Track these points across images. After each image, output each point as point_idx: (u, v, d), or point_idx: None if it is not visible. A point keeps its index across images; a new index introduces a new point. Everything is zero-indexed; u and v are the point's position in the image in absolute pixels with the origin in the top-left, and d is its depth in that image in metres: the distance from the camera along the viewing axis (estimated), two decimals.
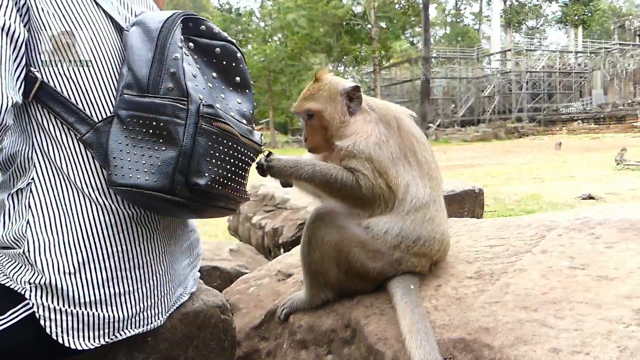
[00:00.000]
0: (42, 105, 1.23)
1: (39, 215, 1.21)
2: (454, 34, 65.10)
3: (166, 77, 1.23)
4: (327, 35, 36.01)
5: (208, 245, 2.88)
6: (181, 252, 1.50)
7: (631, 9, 63.28)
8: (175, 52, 1.25)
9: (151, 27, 1.28)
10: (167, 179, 1.19)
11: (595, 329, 1.16)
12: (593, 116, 31.36)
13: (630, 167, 10.59)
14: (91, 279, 1.22)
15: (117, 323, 1.27)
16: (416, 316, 1.34)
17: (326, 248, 1.52)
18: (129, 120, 1.22)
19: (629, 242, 1.59)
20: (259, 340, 1.80)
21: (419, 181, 1.54)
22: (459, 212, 3.69)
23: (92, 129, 1.24)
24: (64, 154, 1.24)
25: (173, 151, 1.20)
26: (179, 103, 1.22)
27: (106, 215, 1.25)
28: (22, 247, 1.20)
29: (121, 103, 1.23)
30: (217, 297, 1.67)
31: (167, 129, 1.20)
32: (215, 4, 46.25)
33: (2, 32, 1.13)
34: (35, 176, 1.23)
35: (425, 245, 1.52)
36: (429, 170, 1.59)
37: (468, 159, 16.01)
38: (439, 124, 37.76)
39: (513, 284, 1.44)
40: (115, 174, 1.19)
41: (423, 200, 1.53)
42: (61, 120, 1.23)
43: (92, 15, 1.27)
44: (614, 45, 40.89)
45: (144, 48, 1.26)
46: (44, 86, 1.22)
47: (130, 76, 1.24)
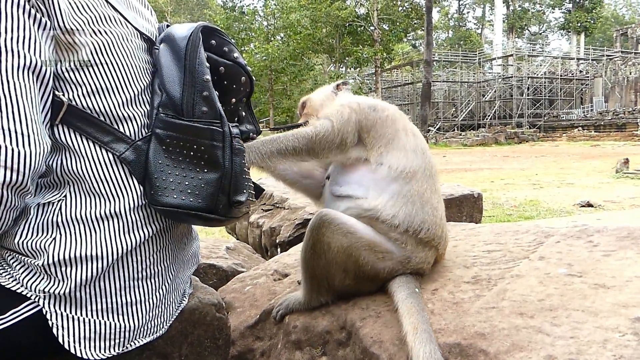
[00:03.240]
0: (70, 126, 1.21)
1: (66, 234, 1.18)
2: (456, 38, 65.19)
3: (199, 99, 1.26)
4: (329, 36, 36.05)
5: (205, 243, 2.87)
6: (186, 260, 1.49)
7: (634, 17, 63.37)
8: (205, 73, 1.27)
9: (178, 46, 1.29)
10: (211, 200, 1.25)
11: (592, 337, 1.16)
12: (593, 123, 31.41)
13: (630, 175, 10.59)
14: (104, 287, 1.21)
15: (128, 333, 1.25)
16: (421, 317, 1.34)
17: (333, 255, 1.49)
18: (169, 141, 1.24)
19: (627, 250, 1.59)
20: (254, 339, 1.79)
21: (408, 151, 1.58)
22: (457, 216, 3.68)
23: (130, 147, 1.24)
24: (96, 172, 1.21)
25: (214, 173, 1.25)
26: (214, 126, 1.26)
27: (131, 231, 1.24)
28: (42, 259, 1.17)
29: (158, 122, 1.25)
30: (212, 295, 1.67)
31: (208, 152, 1.25)
32: (219, 1, 46.30)
33: (29, 72, 1.09)
34: (68, 194, 1.20)
35: (430, 230, 1.53)
36: (418, 145, 1.62)
37: (467, 163, 16.02)
38: (439, 127, 37.81)
39: (510, 290, 1.43)
40: (159, 193, 1.22)
41: (411, 172, 1.54)
42: (93, 140, 1.21)
43: (119, 27, 1.27)
44: (615, 53, 41.00)
45: (174, 67, 1.28)
46: (72, 109, 1.20)
47: (165, 96, 1.27)
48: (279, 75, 36.50)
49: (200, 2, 59.48)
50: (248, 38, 38.38)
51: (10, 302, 1.18)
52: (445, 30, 71.32)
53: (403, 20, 37.14)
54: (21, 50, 1.08)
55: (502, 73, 42.26)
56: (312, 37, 34.43)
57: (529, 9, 59.17)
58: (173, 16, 52.84)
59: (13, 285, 1.19)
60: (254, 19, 38.97)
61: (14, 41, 1.07)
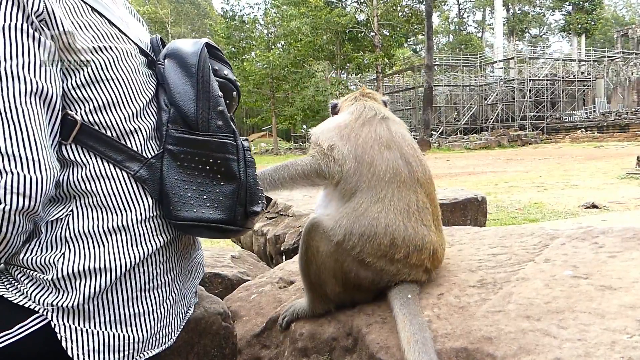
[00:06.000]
0: (79, 144, 1.22)
1: (75, 249, 1.19)
2: (457, 42, 65.32)
3: (214, 114, 1.30)
4: (330, 43, 36.16)
5: (210, 252, 2.87)
6: (192, 270, 1.50)
7: (634, 18, 63.39)
8: (217, 89, 1.33)
9: (188, 62, 1.32)
10: (229, 212, 1.29)
11: (599, 339, 1.15)
12: (596, 124, 31.36)
13: (635, 176, 10.54)
14: (113, 299, 1.21)
15: (136, 344, 1.25)
16: (415, 327, 1.33)
17: (322, 259, 1.51)
18: (183, 157, 1.28)
19: (633, 251, 1.59)
20: (260, 347, 1.79)
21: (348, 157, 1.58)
22: (461, 220, 3.68)
23: (144, 165, 1.26)
24: (105, 187, 1.22)
25: (231, 185, 1.30)
26: (230, 140, 1.30)
27: (140, 243, 1.25)
28: (51, 274, 1.17)
29: (169, 138, 1.28)
30: (218, 304, 1.67)
31: (224, 165, 1.29)
32: (219, 11, 46.51)
33: (36, 97, 1.10)
34: (74, 208, 1.21)
35: (373, 242, 1.47)
36: (363, 154, 1.57)
37: (470, 167, 15.99)
38: (442, 131, 37.82)
39: (516, 293, 1.43)
40: (178, 208, 1.25)
41: (350, 180, 1.54)
42: (106, 159, 1.23)
43: (121, 43, 1.28)
44: (617, 54, 40.98)
45: (184, 83, 1.30)
46: (84, 127, 1.21)
47: (175, 111, 1.29)
48: (280, 82, 36.55)
49: (201, 12, 59.82)
50: (249, 46, 38.53)
51: (16, 316, 1.18)
52: (445, 34, 71.51)
53: (403, 26, 37.28)
54: (27, 76, 1.09)
55: (503, 76, 42.29)
56: (312, 45, 34.52)
57: (529, 11, 59.26)
58: (174, 26, 53.15)
59: (20, 299, 1.19)
60: (254, 28, 39.13)
61: (19, 67, 1.08)
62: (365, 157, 1.55)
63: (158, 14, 50.82)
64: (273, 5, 38.43)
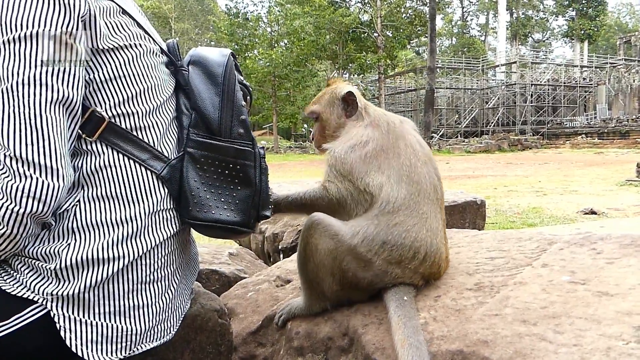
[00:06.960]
0: (106, 143, 1.24)
1: (81, 239, 1.20)
2: (459, 45, 65.31)
3: (237, 122, 1.38)
4: (333, 42, 36.17)
5: (207, 249, 2.87)
6: (188, 265, 1.50)
7: (637, 25, 63.40)
8: (241, 99, 1.40)
9: (214, 71, 1.39)
10: (245, 215, 1.38)
11: (595, 344, 1.15)
12: (597, 131, 31.37)
13: (634, 183, 10.55)
14: (113, 290, 1.22)
15: (134, 336, 1.26)
16: (409, 330, 1.32)
17: (321, 257, 1.51)
18: (203, 160, 1.34)
19: (631, 258, 1.59)
20: (256, 345, 1.79)
21: (393, 184, 1.52)
22: (460, 223, 3.68)
23: (167, 166, 1.31)
24: (120, 178, 1.24)
25: (248, 190, 1.38)
26: (249, 147, 1.38)
27: (146, 235, 1.26)
28: (54, 263, 1.18)
29: (190, 142, 1.34)
30: (215, 301, 1.67)
31: (243, 170, 1.37)
32: (223, 7, 46.50)
33: (61, 105, 1.13)
34: (81, 198, 1.22)
35: (394, 251, 1.47)
36: (410, 173, 1.54)
37: (470, 170, 16.00)
38: (442, 134, 37.82)
39: (513, 297, 1.43)
40: (197, 209, 1.32)
41: (394, 204, 1.50)
42: (128, 156, 1.25)
43: (145, 42, 1.32)
44: (619, 61, 41.00)
45: (209, 91, 1.37)
46: (111, 125, 1.23)
47: (197, 116, 1.35)
48: (282, 81, 36.54)
49: (205, 9, 59.79)
50: (252, 44, 38.51)
51: (13, 307, 1.18)
52: (448, 37, 71.50)
53: (407, 27, 37.29)
54: (55, 84, 1.11)
55: (505, 80, 42.32)
56: (315, 44, 34.53)
57: (532, 16, 59.27)
58: (177, 22, 53.09)
59: (18, 290, 1.19)
60: (257, 26, 39.08)
61: (48, 74, 1.11)
62: (413, 176, 1.54)
63: (162, 8, 50.76)
64: (277, 4, 38.43)
